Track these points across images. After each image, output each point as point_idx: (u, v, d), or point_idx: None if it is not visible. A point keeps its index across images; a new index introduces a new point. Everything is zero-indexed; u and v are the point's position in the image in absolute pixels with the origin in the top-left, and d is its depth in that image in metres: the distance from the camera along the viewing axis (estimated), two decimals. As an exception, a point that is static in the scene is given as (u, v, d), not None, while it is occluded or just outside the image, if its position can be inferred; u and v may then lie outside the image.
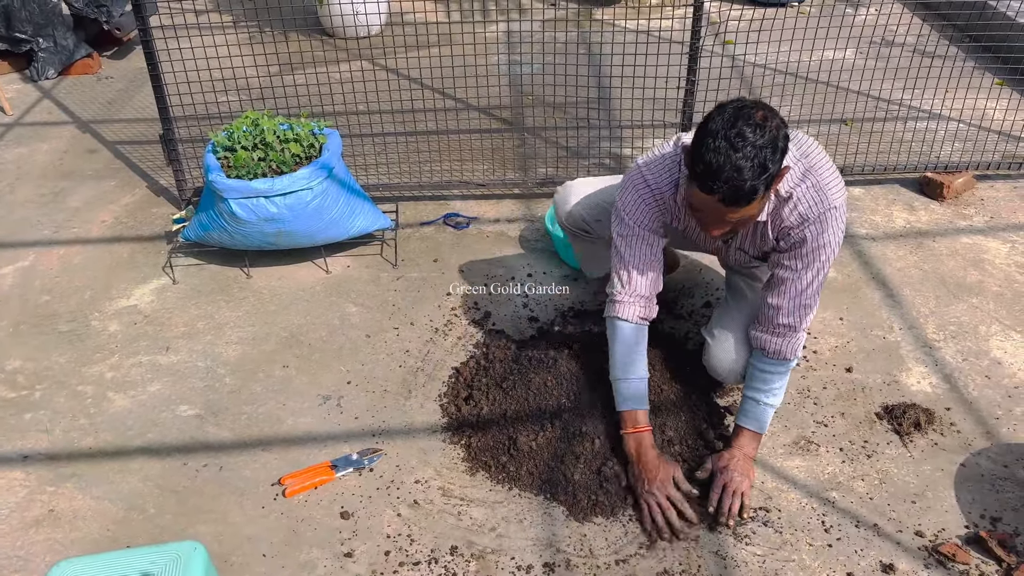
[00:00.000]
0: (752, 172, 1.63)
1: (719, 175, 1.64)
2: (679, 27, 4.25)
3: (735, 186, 1.64)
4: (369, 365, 2.38)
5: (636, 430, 1.97)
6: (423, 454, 2.09)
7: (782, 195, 1.85)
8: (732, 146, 1.63)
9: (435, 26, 3.40)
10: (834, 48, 3.34)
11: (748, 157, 1.63)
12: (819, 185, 1.84)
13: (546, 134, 3.55)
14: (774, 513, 1.92)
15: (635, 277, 2.00)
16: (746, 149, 1.62)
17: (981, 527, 1.87)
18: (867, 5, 4.68)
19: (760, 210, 1.78)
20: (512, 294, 2.66)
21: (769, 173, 1.66)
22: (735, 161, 1.62)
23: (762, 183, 1.65)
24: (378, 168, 3.23)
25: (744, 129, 1.63)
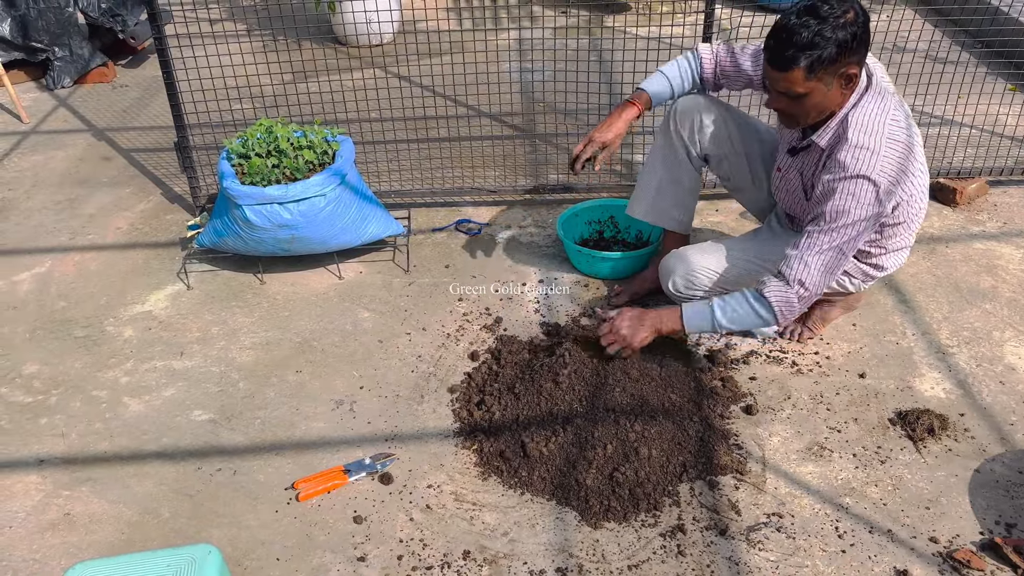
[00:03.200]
0: (799, 39, 1.78)
1: (773, 32, 1.83)
2: (690, 34, 4.27)
3: (779, 44, 1.80)
4: (382, 370, 2.39)
5: (630, 103, 2.32)
6: (435, 459, 2.10)
7: (847, 133, 1.94)
8: (796, 13, 1.79)
9: (447, 34, 3.42)
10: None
11: (803, 26, 1.77)
12: (874, 149, 1.92)
13: (557, 140, 3.56)
14: (787, 519, 1.92)
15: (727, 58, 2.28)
16: (804, 19, 1.78)
17: (996, 533, 1.86)
18: (879, 11, 4.67)
19: (809, 92, 1.87)
20: (524, 299, 2.67)
21: (817, 52, 1.79)
22: (790, 24, 1.79)
23: (804, 56, 1.79)
24: (390, 175, 3.25)
25: (818, 4, 1.79)
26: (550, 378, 2.19)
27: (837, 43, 1.78)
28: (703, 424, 2.14)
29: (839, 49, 1.79)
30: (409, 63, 4.00)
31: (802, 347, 2.42)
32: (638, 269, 2.76)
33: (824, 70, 1.81)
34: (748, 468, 2.05)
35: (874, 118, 1.94)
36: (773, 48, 1.82)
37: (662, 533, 1.89)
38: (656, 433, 2.07)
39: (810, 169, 2.12)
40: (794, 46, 1.78)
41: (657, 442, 2.05)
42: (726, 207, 3.15)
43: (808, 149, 2.11)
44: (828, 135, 2.02)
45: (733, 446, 2.11)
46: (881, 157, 1.92)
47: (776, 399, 2.25)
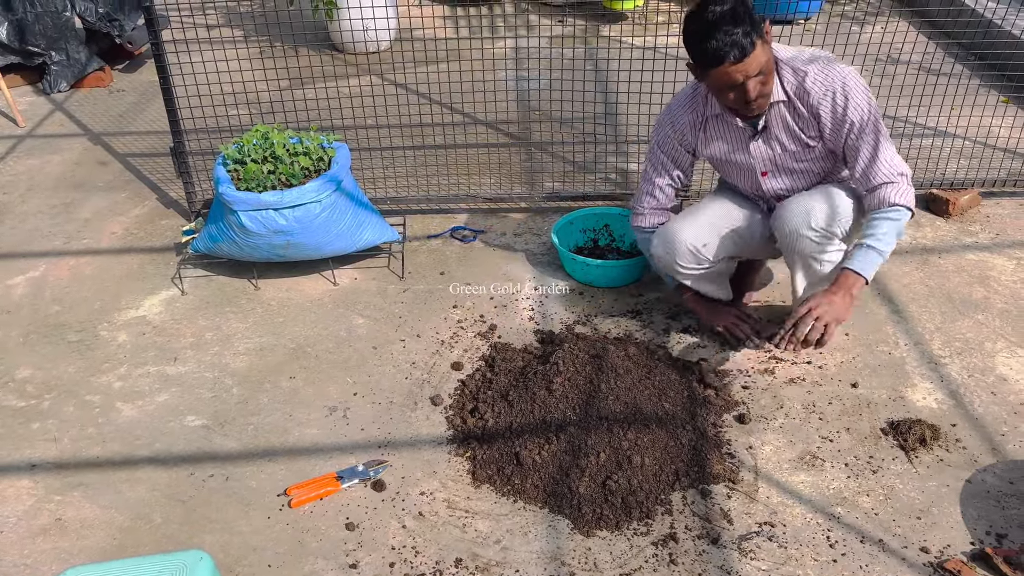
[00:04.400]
0: (736, 22, 1.93)
1: (715, 44, 1.95)
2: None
3: (732, 39, 1.94)
4: (375, 377, 2.39)
5: (688, 292, 2.47)
6: (428, 466, 2.10)
7: (799, 72, 2.12)
8: (707, 21, 1.95)
9: (444, 42, 3.43)
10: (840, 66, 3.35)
11: (724, 17, 1.94)
12: (828, 63, 2.13)
13: (553, 149, 3.58)
14: (779, 528, 1.92)
15: (656, 196, 2.43)
16: (718, 14, 1.94)
17: (987, 543, 1.87)
18: (872, 23, 4.70)
19: (767, 58, 2.02)
20: (518, 307, 2.67)
21: (749, 17, 1.95)
22: (718, 25, 1.94)
23: (749, 26, 1.95)
24: (386, 182, 3.26)
25: (710, 6, 1.96)
26: (544, 386, 2.19)
27: (747, 8, 1.97)
28: (696, 433, 2.14)
29: (752, 11, 1.97)
30: (406, 70, 4.01)
31: (795, 357, 2.43)
32: (632, 277, 2.77)
33: (760, 35, 1.98)
34: (741, 477, 2.05)
35: (790, 47, 2.19)
36: (729, 47, 1.95)
37: (654, 542, 1.89)
38: (649, 441, 2.07)
39: (790, 127, 2.20)
40: (739, 28, 1.93)
41: (650, 450, 2.06)
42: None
43: (768, 119, 2.19)
44: (779, 87, 2.14)
45: (726, 455, 2.12)
46: (832, 62, 2.14)
47: (769, 408, 2.26)
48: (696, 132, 2.31)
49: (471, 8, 5.05)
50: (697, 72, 2.08)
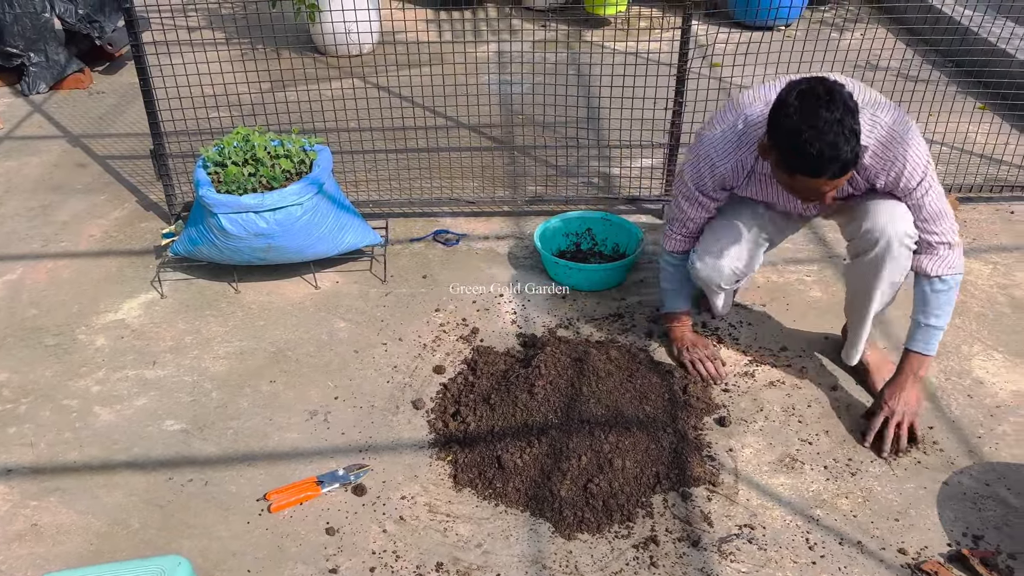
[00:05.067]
0: (848, 143, 1.78)
1: (823, 162, 1.79)
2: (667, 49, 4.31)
3: (842, 162, 1.80)
4: (357, 380, 2.38)
5: (677, 320, 2.46)
6: (410, 470, 2.09)
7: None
8: (821, 132, 1.77)
9: (427, 45, 3.44)
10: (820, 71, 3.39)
11: (839, 134, 1.77)
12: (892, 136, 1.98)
13: (536, 153, 3.58)
14: (759, 530, 1.93)
15: (688, 226, 2.34)
16: (835, 129, 1.77)
17: (963, 545, 1.89)
18: (852, 29, 4.75)
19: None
20: (501, 311, 2.67)
21: (855, 130, 1.80)
22: (831, 142, 1.77)
23: (855, 141, 1.80)
24: (368, 185, 3.25)
25: (821, 112, 1.78)
26: (525, 389, 2.19)
27: (854, 110, 1.82)
28: (677, 436, 2.15)
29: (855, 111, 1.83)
30: (388, 73, 4.00)
31: (775, 359, 2.45)
32: (614, 281, 2.78)
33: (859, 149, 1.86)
34: (721, 479, 2.06)
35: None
36: (836, 170, 1.81)
37: (635, 544, 1.89)
38: (630, 444, 2.08)
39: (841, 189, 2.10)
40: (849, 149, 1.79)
41: (631, 453, 2.06)
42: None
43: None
44: None
45: (706, 457, 2.13)
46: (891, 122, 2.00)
47: (749, 411, 2.27)
48: (738, 177, 2.17)
49: (454, 12, 5.06)
50: (778, 164, 1.92)
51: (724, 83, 4.15)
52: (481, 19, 5.08)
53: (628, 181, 3.39)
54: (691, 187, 2.23)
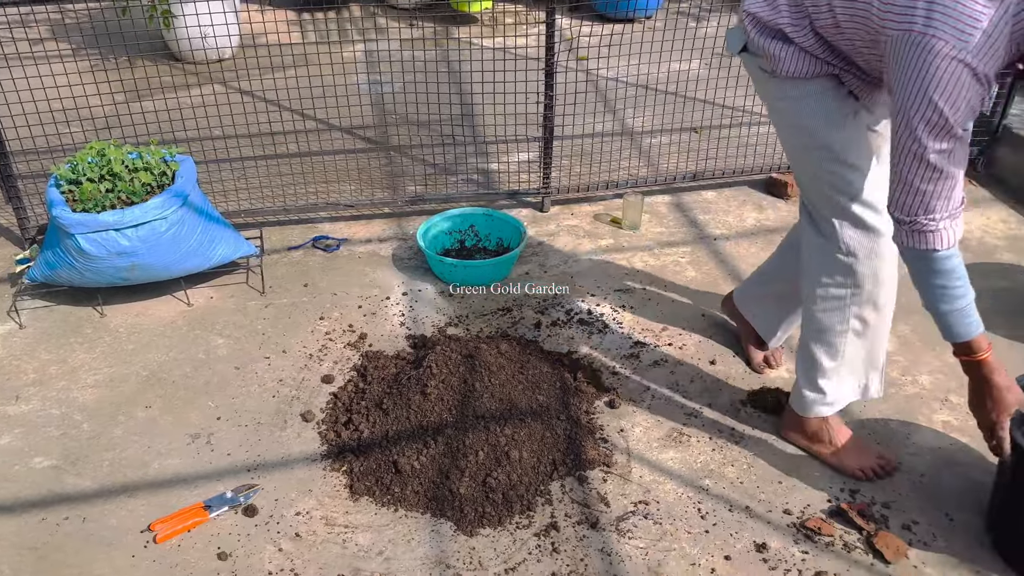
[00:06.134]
0: None
1: None
2: (534, 44, 4.38)
3: None
4: (240, 398, 2.29)
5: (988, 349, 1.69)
6: (303, 484, 2.03)
7: None
8: None
9: (290, 47, 3.34)
10: (681, 60, 3.52)
11: None
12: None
13: (412, 152, 3.55)
14: (653, 505, 1.99)
15: (956, 194, 1.59)
16: None
17: (842, 499, 2.01)
18: (707, 18, 4.96)
19: None
20: (388, 314, 2.64)
21: None
22: None
23: None
24: (239, 194, 3.13)
25: None
26: (418, 390, 2.17)
27: None
28: (570, 422, 2.18)
29: None
30: (251, 78, 3.86)
31: (657, 339, 2.53)
32: (500, 275, 2.80)
33: None
34: (615, 460, 2.11)
35: None
36: None
37: (536, 533, 1.91)
38: (526, 435, 2.10)
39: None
40: None
41: (527, 444, 2.08)
42: (580, 211, 3.24)
43: None
44: None
45: (599, 440, 2.17)
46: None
47: (636, 391, 2.34)
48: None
49: (318, 12, 4.94)
50: None
51: (592, 75, 4.25)
52: (346, 19, 4.99)
53: (507, 176, 3.41)
54: (952, 124, 1.49)
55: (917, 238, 1.60)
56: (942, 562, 1.86)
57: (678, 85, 3.83)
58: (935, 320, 1.69)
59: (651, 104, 3.65)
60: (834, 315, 1.98)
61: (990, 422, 1.73)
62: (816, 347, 2.03)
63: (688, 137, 3.69)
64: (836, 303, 1.97)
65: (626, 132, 3.80)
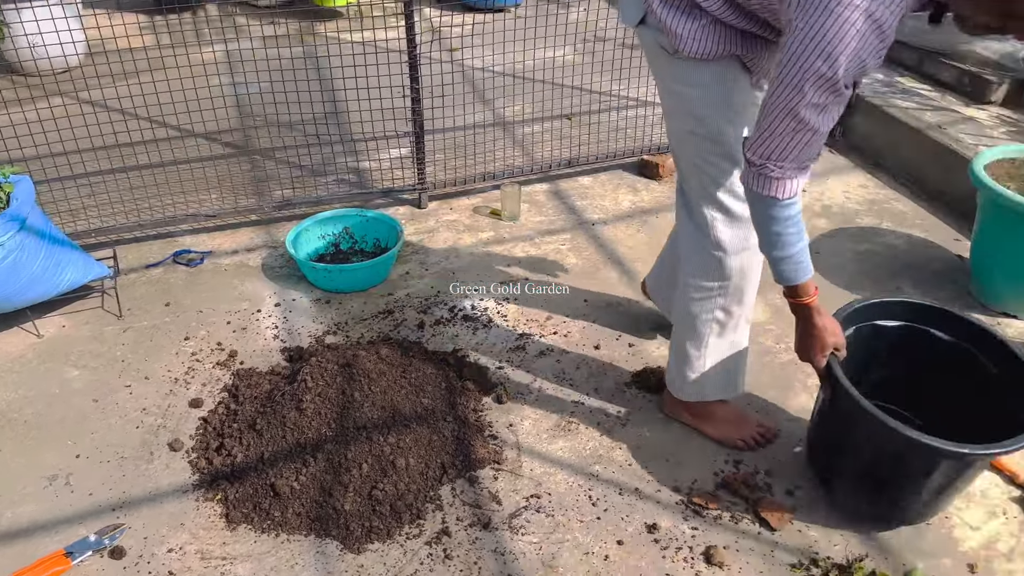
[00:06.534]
0: None
1: None
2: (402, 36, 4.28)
3: None
4: (101, 433, 2.12)
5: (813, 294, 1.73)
6: (174, 519, 1.90)
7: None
8: None
9: (143, 52, 3.13)
10: (550, 47, 3.51)
11: None
12: None
13: (278, 155, 3.41)
14: (545, 498, 1.96)
15: (813, 149, 1.57)
16: None
17: (727, 471, 2.04)
18: (576, 5, 4.99)
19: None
20: (260, 327, 2.51)
21: None
22: None
23: None
24: (88, 212, 2.91)
25: None
26: (293, 406, 2.07)
27: None
28: (458, 422, 2.13)
29: None
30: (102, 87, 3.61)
31: (542, 329, 2.51)
32: (379, 278, 2.71)
33: None
34: (505, 456, 2.08)
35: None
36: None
37: (428, 541, 1.85)
38: (412, 441, 2.03)
39: None
40: None
41: (414, 450, 2.01)
42: (459, 205, 3.19)
43: None
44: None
45: (488, 437, 2.13)
46: None
47: (524, 384, 2.31)
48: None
49: (171, 15, 4.68)
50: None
51: (463, 67, 4.19)
52: (202, 19, 4.75)
53: (380, 174, 3.32)
54: (840, 79, 1.45)
55: (762, 183, 1.60)
56: (824, 522, 1.91)
57: (550, 72, 3.83)
58: (769, 264, 1.73)
59: (523, 93, 3.63)
60: (701, 304, 2.00)
61: (810, 359, 1.81)
62: (683, 334, 2.05)
63: (561, 124, 3.69)
64: (704, 293, 1.98)
65: (500, 122, 3.76)
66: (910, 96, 3.59)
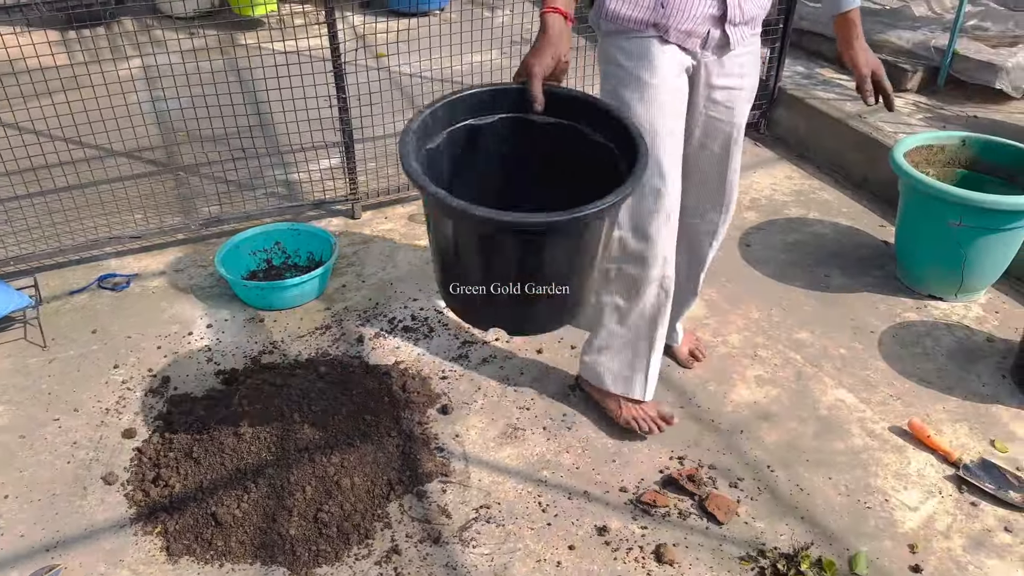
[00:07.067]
0: None
1: None
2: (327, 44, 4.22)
3: None
4: (30, 470, 2.03)
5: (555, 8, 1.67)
6: (112, 556, 1.83)
7: None
8: None
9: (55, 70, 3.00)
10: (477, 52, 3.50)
11: None
12: None
13: (204, 170, 3.31)
14: (495, 508, 1.95)
15: None
16: None
17: (672, 469, 2.06)
18: (502, 7, 4.99)
19: None
20: (192, 350, 2.43)
21: None
22: None
23: None
24: (4, 240, 2.78)
25: None
26: (231, 432, 2.01)
27: None
28: (403, 436, 2.11)
29: None
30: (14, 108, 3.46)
31: (484, 335, 2.49)
32: (315, 292, 2.66)
33: None
34: (452, 468, 2.06)
35: None
36: None
37: (377, 561, 1.82)
38: (356, 460, 2.00)
39: None
40: None
41: (359, 468, 1.98)
42: (394, 213, 3.16)
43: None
44: None
45: (435, 450, 2.11)
46: None
47: (468, 392, 2.29)
48: None
49: (84, 30, 4.51)
50: None
51: (391, 73, 4.15)
52: (117, 34, 4.59)
53: (311, 185, 3.26)
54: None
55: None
56: (769, 512, 1.95)
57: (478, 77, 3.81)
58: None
59: (453, 97, 3.61)
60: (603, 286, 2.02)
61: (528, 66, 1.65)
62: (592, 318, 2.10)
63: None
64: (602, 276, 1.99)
65: (432, 127, 3.73)
66: (830, 87, 3.69)
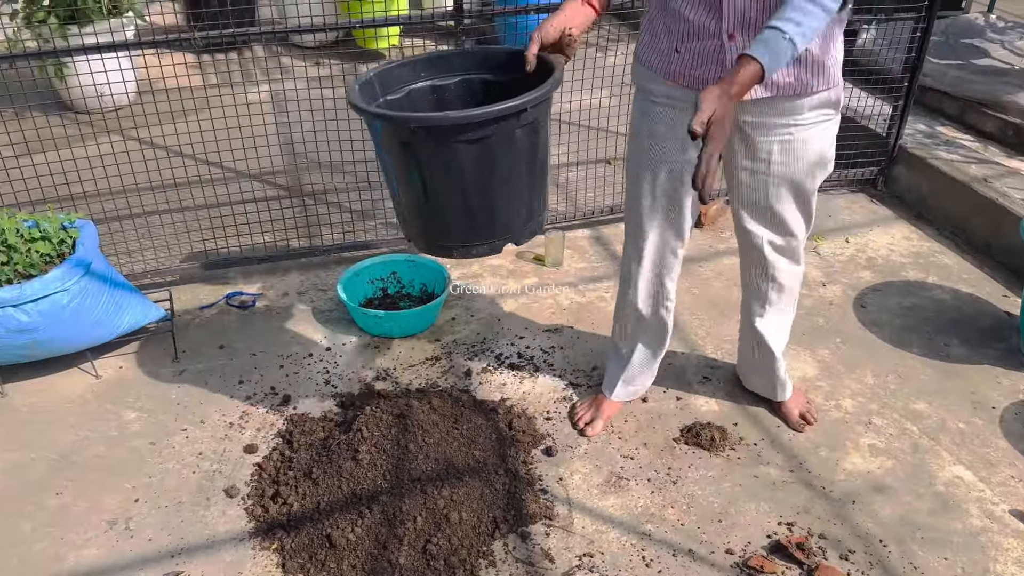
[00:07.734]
0: None
1: None
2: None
3: None
4: (158, 477, 2.16)
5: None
6: (232, 568, 1.92)
7: None
8: None
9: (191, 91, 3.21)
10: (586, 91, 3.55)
11: None
12: None
13: (328, 198, 3.46)
14: (598, 557, 1.96)
15: None
16: None
17: (780, 534, 2.03)
18: (614, 48, 5.05)
19: None
20: (311, 372, 2.54)
21: None
22: None
23: None
24: (144, 253, 2.97)
25: None
26: (349, 456, 2.09)
27: None
28: (508, 475, 2.15)
29: None
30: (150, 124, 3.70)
31: (588, 379, 2.52)
32: (427, 323, 2.74)
33: None
34: (556, 511, 2.08)
35: None
36: None
37: (483, 599, 1.86)
38: (464, 495, 2.04)
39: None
40: None
41: (466, 504, 2.03)
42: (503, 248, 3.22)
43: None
44: None
45: (539, 491, 2.14)
46: None
47: (572, 436, 2.32)
48: None
49: (218, 55, 4.79)
50: None
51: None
52: (248, 59, 4.86)
53: (425, 217, 3.35)
54: None
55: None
56: (880, 590, 1.90)
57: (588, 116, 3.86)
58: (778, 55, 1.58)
59: (564, 138, 3.67)
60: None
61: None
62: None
63: (604, 169, 3.72)
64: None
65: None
66: (953, 147, 3.59)
